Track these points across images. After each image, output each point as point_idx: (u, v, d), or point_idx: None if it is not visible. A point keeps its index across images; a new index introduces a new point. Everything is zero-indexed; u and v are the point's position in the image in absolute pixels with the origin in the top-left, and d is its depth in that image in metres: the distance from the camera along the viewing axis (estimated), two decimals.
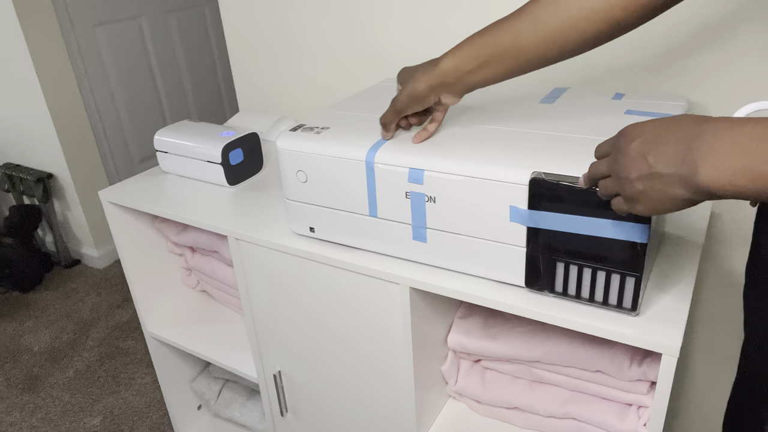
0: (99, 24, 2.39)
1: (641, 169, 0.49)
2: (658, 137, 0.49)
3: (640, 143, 0.50)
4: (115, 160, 2.57)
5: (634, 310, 0.70)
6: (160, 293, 1.34)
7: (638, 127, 0.51)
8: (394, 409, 0.97)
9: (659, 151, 0.48)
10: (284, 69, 1.47)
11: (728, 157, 0.44)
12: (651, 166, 0.49)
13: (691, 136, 0.46)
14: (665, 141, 0.48)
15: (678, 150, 0.47)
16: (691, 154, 0.46)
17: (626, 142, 0.51)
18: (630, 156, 0.50)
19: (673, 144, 0.47)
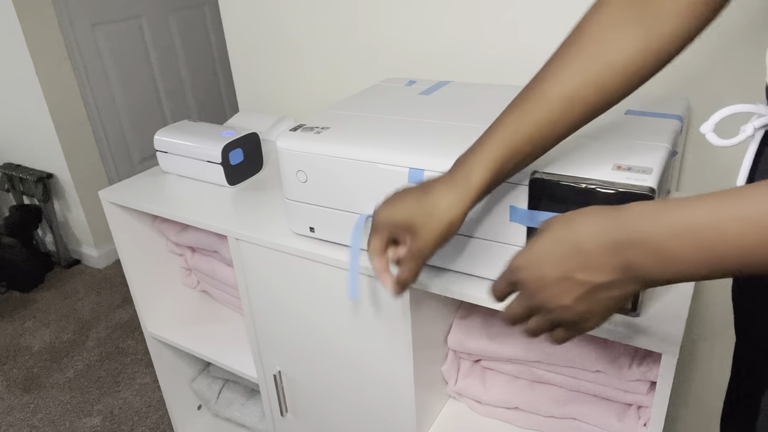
0: (99, 23, 2.39)
1: (576, 290, 0.46)
2: (565, 253, 0.45)
3: (551, 267, 0.46)
4: (115, 160, 2.57)
5: (634, 310, 0.70)
6: (160, 293, 1.34)
7: (527, 256, 0.49)
8: (394, 409, 0.97)
9: (584, 263, 0.44)
10: (284, 69, 1.47)
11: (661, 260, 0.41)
12: (586, 281, 0.45)
13: (609, 233, 0.43)
14: (579, 251, 0.45)
15: (604, 253, 0.43)
16: (624, 252, 0.43)
17: (530, 275, 0.48)
18: (550, 285, 0.47)
19: (593, 248, 0.44)
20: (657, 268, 0.42)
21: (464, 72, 1.21)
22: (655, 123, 0.78)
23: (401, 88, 1.05)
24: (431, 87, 1.04)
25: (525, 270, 0.49)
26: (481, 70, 1.18)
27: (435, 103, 0.94)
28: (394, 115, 0.90)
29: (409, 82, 1.09)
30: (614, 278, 0.44)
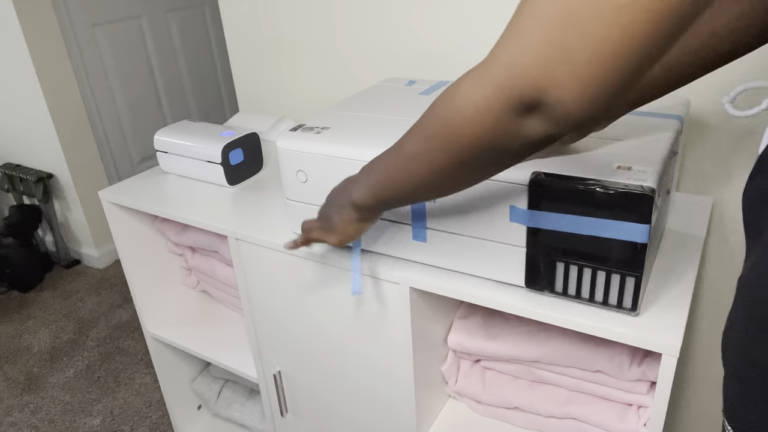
0: (99, 24, 2.39)
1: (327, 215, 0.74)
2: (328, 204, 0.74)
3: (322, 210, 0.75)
4: (115, 160, 2.57)
5: (634, 310, 0.70)
6: (160, 293, 1.34)
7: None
8: (394, 409, 0.97)
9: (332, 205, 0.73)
10: (284, 69, 1.47)
11: (358, 190, 0.66)
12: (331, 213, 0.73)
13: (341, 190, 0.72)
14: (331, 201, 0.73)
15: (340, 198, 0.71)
16: (346, 195, 0.70)
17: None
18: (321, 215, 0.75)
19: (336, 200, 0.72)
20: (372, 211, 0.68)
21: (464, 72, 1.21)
22: (655, 123, 0.78)
23: (401, 88, 1.05)
24: (431, 87, 1.04)
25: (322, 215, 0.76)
26: None
27: None
28: (394, 115, 0.90)
29: (409, 82, 1.09)
30: (342, 203, 0.71)
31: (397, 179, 0.58)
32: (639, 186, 0.63)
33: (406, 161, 0.55)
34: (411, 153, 0.54)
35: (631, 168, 0.66)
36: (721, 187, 1.03)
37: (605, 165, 0.67)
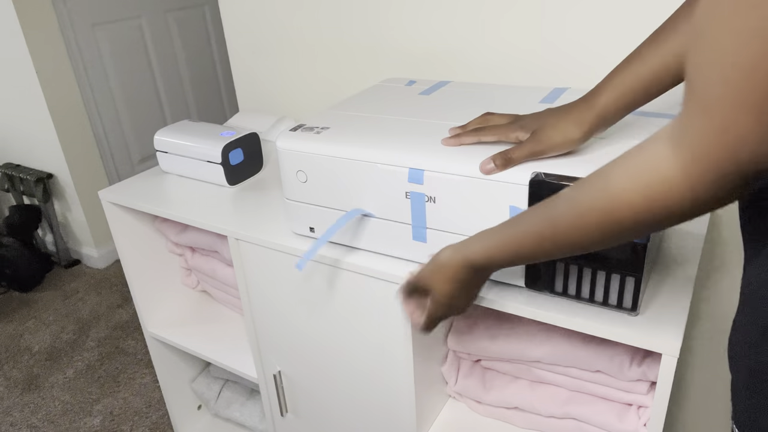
0: (99, 24, 2.39)
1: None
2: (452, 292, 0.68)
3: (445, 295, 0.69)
4: (115, 160, 2.57)
5: (634, 310, 0.70)
6: (160, 293, 1.34)
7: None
8: (394, 409, 0.97)
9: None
10: (284, 69, 1.47)
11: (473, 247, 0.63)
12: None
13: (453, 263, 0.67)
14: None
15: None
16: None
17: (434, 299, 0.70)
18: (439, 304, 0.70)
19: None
20: (486, 273, 0.66)
21: (464, 72, 1.21)
22: (655, 123, 0.78)
23: (401, 88, 1.05)
24: (431, 87, 1.04)
25: (434, 304, 0.70)
26: (481, 70, 1.18)
27: (435, 103, 0.94)
28: (394, 115, 0.90)
29: (409, 82, 1.09)
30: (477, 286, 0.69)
31: (534, 244, 0.56)
32: None
33: (556, 235, 0.53)
34: (567, 228, 0.52)
35: None
36: None
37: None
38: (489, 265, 0.63)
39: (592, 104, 0.70)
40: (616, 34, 1.03)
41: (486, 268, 0.64)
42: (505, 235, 0.59)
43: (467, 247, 0.63)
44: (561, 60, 1.09)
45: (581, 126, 0.69)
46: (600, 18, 1.03)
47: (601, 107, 0.69)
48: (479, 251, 0.62)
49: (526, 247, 0.57)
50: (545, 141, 0.70)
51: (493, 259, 0.61)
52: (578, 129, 0.69)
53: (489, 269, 0.64)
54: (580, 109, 0.70)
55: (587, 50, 1.06)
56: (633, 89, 0.68)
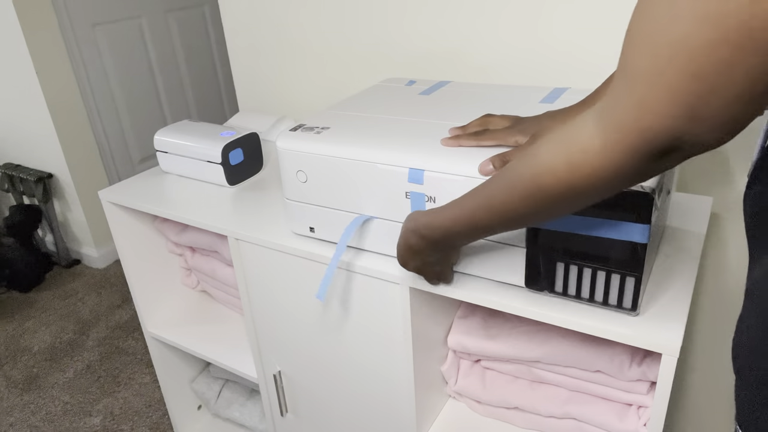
0: (99, 24, 2.39)
1: (417, 261, 0.73)
2: (403, 245, 0.72)
3: (401, 256, 0.74)
4: (115, 160, 2.57)
5: (634, 310, 0.70)
6: (160, 293, 1.34)
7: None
8: (394, 409, 0.97)
9: (411, 249, 0.72)
10: (284, 69, 1.47)
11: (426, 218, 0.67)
12: (418, 257, 0.73)
13: (413, 233, 0.70)
14: (407, 245, 0.72)
15: (416, 242, 0.70)
16: (423, 240, 0.69)
17: (398, 260, 0.75)
18: (407, 263, 0.74)
19: (413, 242, 0.70)
20: (449, 243, 0.68)
21: (464, 72, 1.21)
22: None
23: (401, 88, 1.05)
24: (431, 87, 1.04)
25: (406, 266, 0.75)
26: (481, 70, 1.18)
27: (435, 103, 0.94)
28: (394, 115, 0.90)
29: (409, 82, 1.09)
30: (438, 256, 0.72)
31: (476, 218, 0.58)
32: (639, 186, 0.63)
33: (492, 206, 0.55)
34: (501, 200, 0.54)
35: None
36: (721, 187, 1.03)
37: None
38: (450, 239, 0.65)
39: (593, 104, 0.69)
40: (616, 34, 1.03)
41: (446, 242, 0.67)
42: (460, 208, 0.61)
43: (425, 224, 0.66)
44: (561, 60, 1.09)
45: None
46: (600, 18, 1.03)
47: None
48: (439, 225, 0.64)
49: (480, 219, 0.59)
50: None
51: (453, 231, 0.64)
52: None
53: (450, 242, 0.67)
54: (580, 109, 0.70)
55: (587, 50, 1.06)
56: None
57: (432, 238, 0.67)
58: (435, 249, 0.69)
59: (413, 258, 0.72)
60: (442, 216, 0.64)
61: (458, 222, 0.62)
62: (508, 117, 0.79)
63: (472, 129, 0.78)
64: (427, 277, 0.77)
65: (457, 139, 0.77)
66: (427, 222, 0.66)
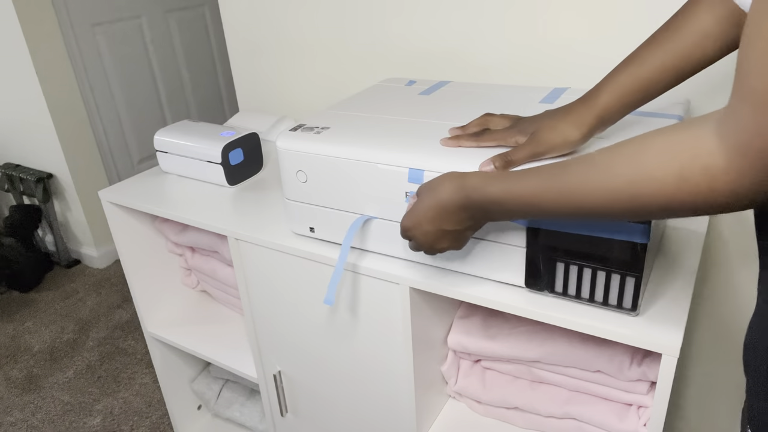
0: (99, 24, 2.39)
1: (449, 236, 0.68)
2: (435, 214, 0.66)
3: (428, 225, 0.67)
4: (115, 160, 2.57)
5: (634, 310, 0.70)
6: (160, 293, 1.34)
7: (412, 219, 0.68)
8: (394, 409, 0.97)
9: (447, 219, 0.66)
10: (284, 69, 1.47)
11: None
12: (453, 230, 0.67)
13: (459, 199, 0.64)
14: (444, 211, 0.65)
15: (459, 211, 0.65)
16: (469, 210, 0.64)
17: (418, 232, 0.69)
18: (431, 236, 0.68)
19: (452, 209, 0.65)
20: (490, 217, 0.64)
21: (464, 72, 1.21)
22: (655, 123, 0.78)
23: (401, 88, 1.05)
24: (431, 87, 1.04)
25: (413, 229, 0.68)
26: (481, 70, 1.18)
27: (435, 103, 0.94)
28: (394, 115, 0.90)
29: (409, 82, 1.09)
30: (468, 225, 0.66)
31: (541, 200, 0.55)
32: None
33: (568, 196, 0.52)
34: (584, 192, 0.51)
35: None
36: None
37: None
38: (495, 211, 0.61)
39: (591, 105, 0.70)
40: (616, 34, 1.03)
41: (489, 213, 0.62)
42: (525, 184, 0.57)
43: (475, 186, 0.61)
44: (561, 60, 1.09)
45: (580, 127, 0.70)
46: (600, 18, 1.03)
47: (601, 108, 0.69)
48: (492, 193, 0.60)
49: (545, 201, 0.55)
50: (544, 142, 0.70)
51: (504, 205, 0.59)
52: (577, 130, 0.69)
53: (491, 215, 0.63)
54: (579, 111, 0.70)
55: (587, 50, 1.06)
56: (632, 90, 0.68)
57: (477, 203, 0.61)
58: (471, 216, 0.64)
59: (434, 221, 0.66)
60: (498, 186, 0.59)
61: (516, 198, 0.57)
62: (508, 116, 0.79)
63: (472, 129, 0.78)
64: (435, 246, 0.69)
65: (457, 140, 0.77)
66: (479, 185, 0.61)
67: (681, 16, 0.66)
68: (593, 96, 0.70)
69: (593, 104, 0.69)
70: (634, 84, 0.68)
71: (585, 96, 0.71)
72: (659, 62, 0.66)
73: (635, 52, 0.69)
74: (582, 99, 0.71)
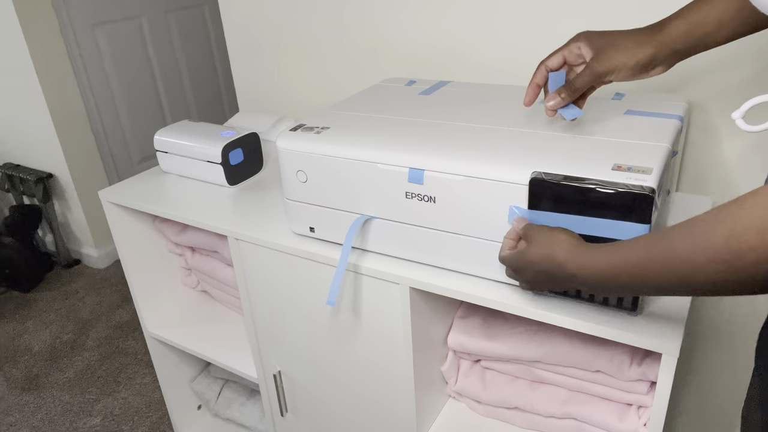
0: (99, 24, 2.39)
1: (544, 286, 0.66)
2: (543, 270, 0.63)
3: (533, 275, 0.65)
4: (115, 160, 2.57)
5: (634, 310, 0.70)
6: (160, 293, 1.34)
7: (520, 261, 0.66)
8: (394, 409, 0.97)
9: (551, 280, 0.64)
10: (284, 69, 1.47)
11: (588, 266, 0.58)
12: (551, 286, 0.65)
13: (568, 270, 0.60)
14: (550, 273, 0.63)
15: (565, 279, 0.62)
16: (572, 281, 0.61)
17: (522, 277, 0.67)
18: (530, 282, 0.67)
19: (560, 276, 0.62)
20: (584, 284, 0.60)
21: (464, 72, 1.21)
22: (655, 123, 0.78)
23: (401, 88, 1.05)
24: (431, 87, 1.04)
25: (519, 272, 0.67)
26: (481, 70, 1.18)
27: (435, 103, 0.94)
28: (394, 115, 0.90)
29: (409, 82, 1.09)
30: (564, 284, 0.63)
31: (645, 270, 0.51)
32: (639, 186, 0.63)
33: (669, 262, 0.48)
34: (683, 257, 0.47)
35: (631, 168, 0.66)
36: (721, 187, 1.03)
37: (605, 165, 0.67)
38: (593, 282, 0.58)
39: (657, 29, 0.68)
40: None
41: (589, 284, 0.59)
42: (618, 252, 0.54)
43: (579, 252, 0.59)
44: None
45: (644, 48, 0.67)
46: (600, 18, 1.03)
47: (669, 32, 0.67)
48: (586, 263, 0.58)
49: (643, 271, 0.51)
50: (607, 61, 0.67)
51: (604, 276, 0.56)
52: (640, 50, 0.67)
53: (594, 285, 0.59)
54: (645, 32, 0.68)
55: None
56: (705, 22, 0.66)
57: (582, 280, 0.59)
58: (574, 285, 0.61)
59: (539, 276, 0.64)
60: (601, 259, 0.56)
61: (620, 270, 0.54)
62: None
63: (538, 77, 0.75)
64: (538, 288, 0.68)
65: (531, 84, 0.75)
66: (585, 264, 0.58)
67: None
68: (666, 21, 0.68)
69: (662, 27, 0.68)
70: (710, 15, 0.66)
71: (658, 21, 0.69)
72: (737, 4, 0.65)
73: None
74: (654, 24, 0.69)
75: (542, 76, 0.74)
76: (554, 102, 0.70)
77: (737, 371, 1.16)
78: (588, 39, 0.71)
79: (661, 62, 0.69)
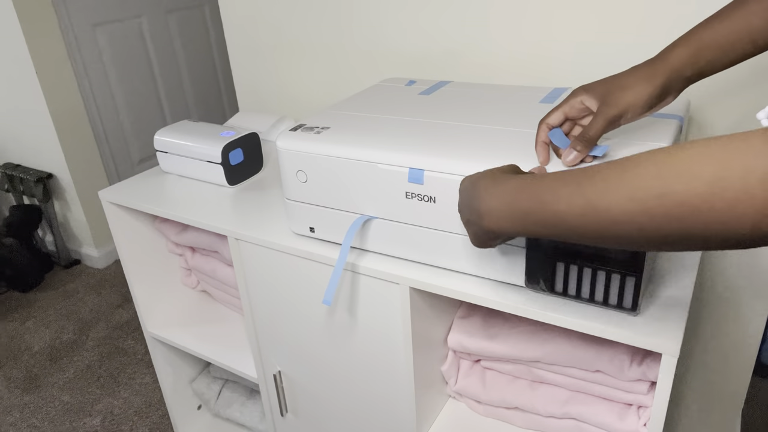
0: (99, 24, 2.39)
1: (461, 217, 0.65)
2: (463, 193, 0.63)
3: (463, 213, 0.64)
4: (115, 160, 2.57)
5: (634, 310, 0.70)
6: (160, 293, 1.34)
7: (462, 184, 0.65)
8: (394, 409, 0.97)
9: (463, 204, 0.63)
10: (284, 69, 1.47)
11: (496, 208, 0.57)
12: (462, 215, 0.65)
13: (473, 194, 0.60)
14: (464, 197, 0.63)
15: (469, 205, 0.61)
16: (476, 205, 0.60)
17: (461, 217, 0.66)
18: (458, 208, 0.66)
19: (467, 200, 0.62)
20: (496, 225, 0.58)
21: (464, 72, 1.21)
22: (655, 123, 0.78)
23: (401, 88, 1.05)
24: (431, 87, 1.04)
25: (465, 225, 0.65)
26: (481, 70, 1.19)
27: (435, 103, 0.94)
28: (394, 115, 0.90)
29: (409, 82, 1.09)
30: (468, 219, 0.62)
31: (574, 228, 0.49)
32: None
33: (604, 221, 0.46)
34: (621, 216, 0.44)
35: None
36: None
37: None
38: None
39: (663, 58, 0.66)
40: (617, 34, 1.03)
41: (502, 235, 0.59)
42: (698, 38, 0.56)
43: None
44: (561, 60, 1.09)
45: (652, 81, 0.65)
46: (600, 18, 1.03)
47: (675, 61, 0.65)
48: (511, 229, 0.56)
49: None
50: (618, 103, 0.65)
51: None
52: (649, 84, 0.65)
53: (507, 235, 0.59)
54: (650, 64, 0.67)
55: (588, 50, 1.06)
56: (709, 46, 0.65)
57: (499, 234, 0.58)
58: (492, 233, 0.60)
59: (474, 236, 0.63)
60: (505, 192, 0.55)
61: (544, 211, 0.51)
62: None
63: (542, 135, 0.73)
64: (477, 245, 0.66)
65: (537, 142, 0.73)
66: (501, 220, 0.56)
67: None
68: (667, 50, 0.67)
69: (666, 57, 0.66)
70: (712, 40, 0.64)
71: (658, 54, 0.67)
72: (744, 20, 0.63)
73: (719, 11, 0.65)
74: (655, 56, 0.68)
75: (545, 133, 0.73)
76: (572, 157, 0.67)
77: (738, 371, 1.16)
78: (589, 90, 0.69)
79: (671, 91, 0.67)
